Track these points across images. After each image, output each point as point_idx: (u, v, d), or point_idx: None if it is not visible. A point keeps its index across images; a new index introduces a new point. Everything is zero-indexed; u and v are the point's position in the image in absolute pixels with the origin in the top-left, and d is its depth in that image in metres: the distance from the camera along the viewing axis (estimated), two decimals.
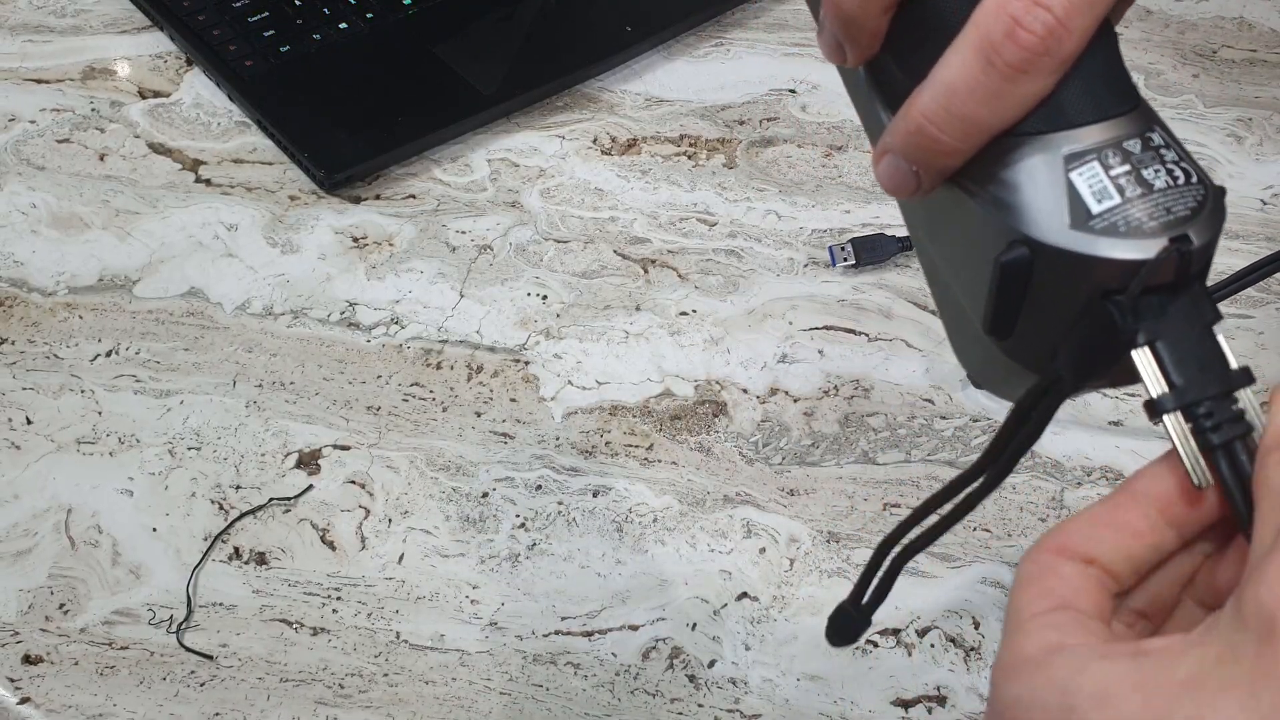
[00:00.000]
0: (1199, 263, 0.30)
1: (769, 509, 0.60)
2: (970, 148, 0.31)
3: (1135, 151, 0.30)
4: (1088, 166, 0.29)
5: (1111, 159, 0.29)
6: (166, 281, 0.67)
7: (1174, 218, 0.29)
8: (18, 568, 0.56)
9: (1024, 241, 0.30)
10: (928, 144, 0.31)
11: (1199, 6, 0.88)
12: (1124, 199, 0.29)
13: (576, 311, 0.68)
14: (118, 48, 0.79)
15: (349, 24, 0.80)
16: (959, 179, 0.32)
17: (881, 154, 0.33)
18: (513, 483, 0.60)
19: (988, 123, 0.30)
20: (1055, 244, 0.29)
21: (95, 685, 0.53)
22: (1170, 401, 0.30)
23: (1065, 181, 0.29)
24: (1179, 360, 0.30)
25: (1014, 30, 0.29)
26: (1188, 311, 0.30)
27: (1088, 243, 0.29)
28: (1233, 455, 0.30)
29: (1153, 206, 0.29)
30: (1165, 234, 0.29)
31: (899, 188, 0.33)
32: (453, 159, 0.75)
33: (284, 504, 0.59)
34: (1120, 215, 0.29)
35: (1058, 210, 0.29)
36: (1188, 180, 0.30)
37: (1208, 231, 0.29)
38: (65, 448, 0.60)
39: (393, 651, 0.55)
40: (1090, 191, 0.29)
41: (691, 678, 0.55)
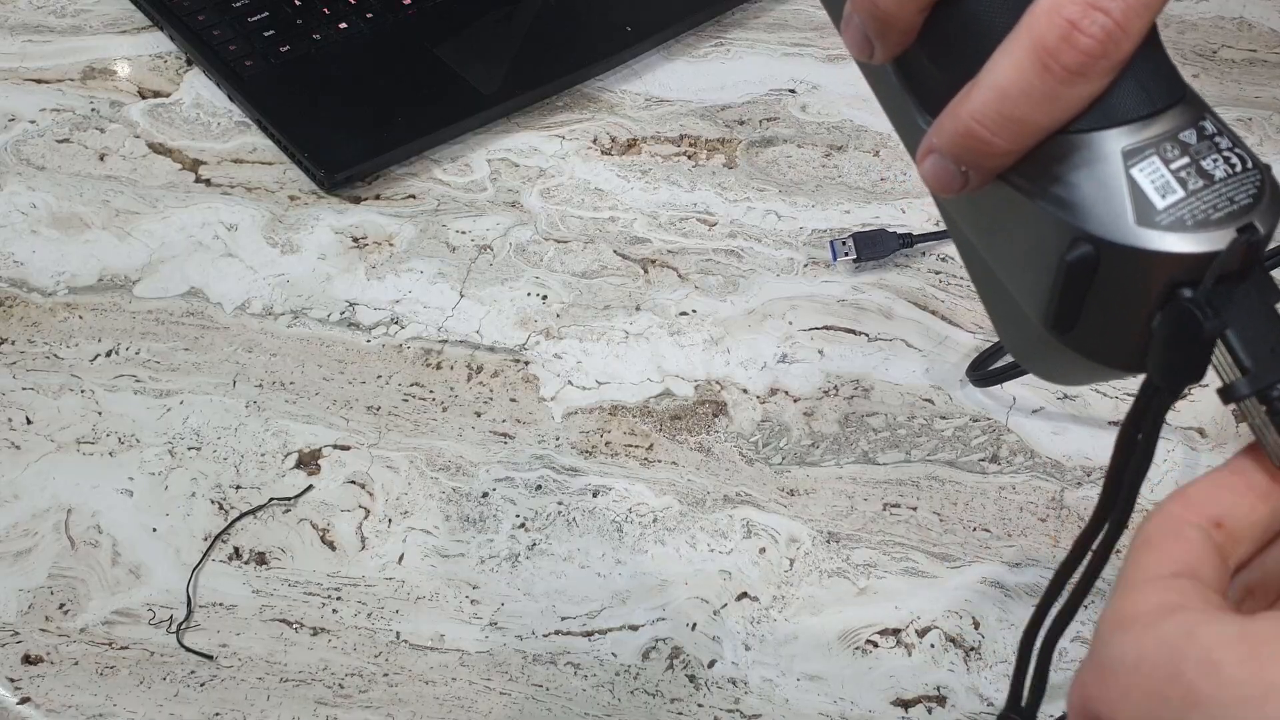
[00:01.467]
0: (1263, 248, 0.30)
1: (769, 509, 0.60)
2: (1022, 149, 0.31)
3: (1192, 143, 0.30)
4: (1148, 162, 0.29)
5: (1170, 152, 0.30)
6: (166, 281, 0.67)
7: (1238, 207, 0.29)
8: (18, 568, 0.56)
9: (1088, 239, 0.30)
10: (979, 146, 0.31)
11: (1199, 7, 0.88)
12: (1187, 192, 0.29)
13: (576, 311, 0.68)
14: (117, 48, 0.79)
15: (349, 24, 0.80)
16: (1010, 176, 0.31)
17: (926, 153, 0.33)
18: (513, 483, 0.60)
19: (1041, 125, 0.30)
20: (1123, 241, 0.29)
21: (95, 685, 0.53)
22: (1245, 386, 0.30)
23: (1126, 178, 0.29)
24: (1249, 344, 0.30)
25: (1071, 34, 0.28)
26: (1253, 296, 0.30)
27: (1157, 239, 0.29)
28: None
29: (1216, 198, 0.29)
30: (1232, 224, 0.29)
31: (945, 187, 0.33)
32: (453, 159, 0.75)
33: (284, 504, 0.59)
34: (1186, 209, 0.29)
35: (1121, 207, 0.29)
36: (1244, 167, 0.30)
37: (1272, 218, 0.30)
38: (65, 448, 0.60)
39: (393, 651, 0.55)
40: (1153, 187, 0.29)
41: (691, 678, 0.55)
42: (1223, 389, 0.31)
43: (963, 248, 0.37)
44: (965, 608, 0.57)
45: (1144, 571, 0.30)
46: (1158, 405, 0.32)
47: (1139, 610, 0.29)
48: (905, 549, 0.59)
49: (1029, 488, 0.61)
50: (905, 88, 0.34)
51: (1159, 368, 0.31)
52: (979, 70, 0.30)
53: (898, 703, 0.55)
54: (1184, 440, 0.64)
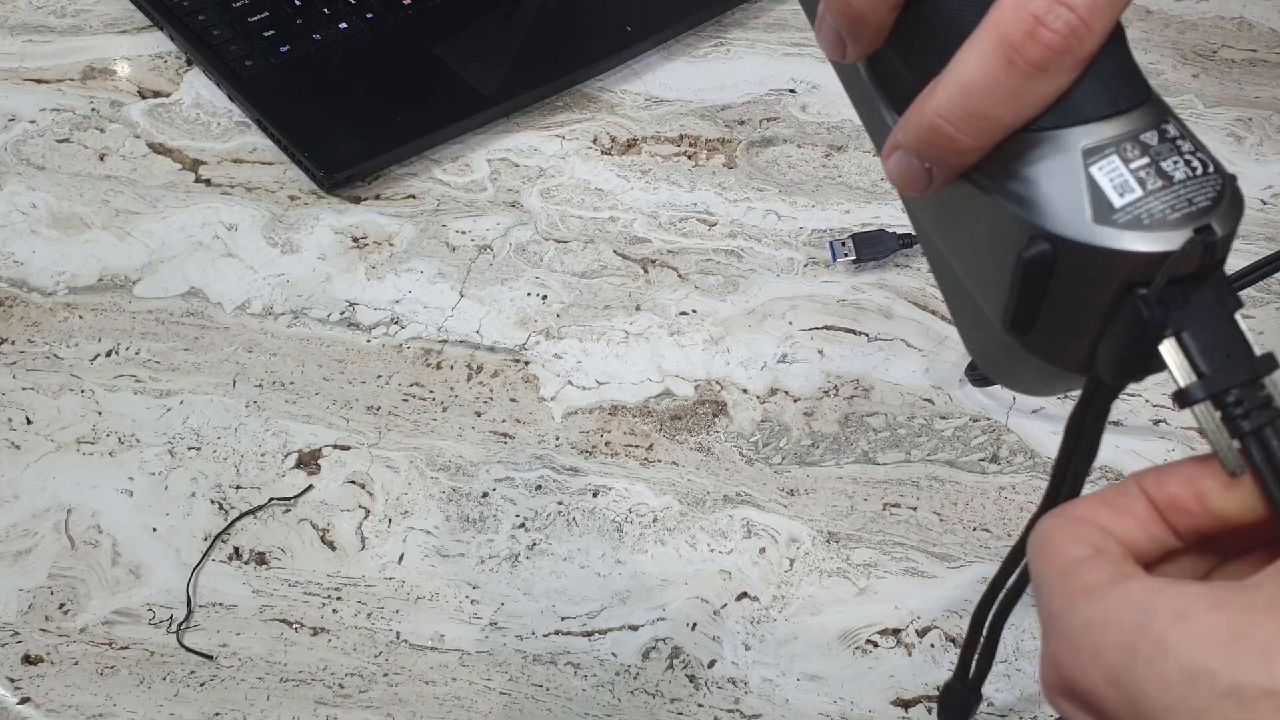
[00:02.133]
0: (1222, 252, 0.30)
1: (769, 509, 0.60)
2: (986, 145, 0.31)
3: (1153, 144, 0.30)
4: (1107, 160, 0.29)
5: (1130, 152, 0.30)
6: (166, 281, 0.67)
7: (1196, 209, 0.29)
8: (18, 568, 0.56)
9: (1045, 237, 0.30)
10: (943, 142, 0.31)
11: (1199, 6, 0.88)
12: (1145, 192, 0.29)
13: (576, 311, 0.68)
14: (117, 48, 0.79)
15: (349, 24, 0.80)
16: (972, 174, 0.32)
17: (892, 150, 0.33)
18: (513, 483, 0.60)
19: (1005, 121, 0.30)
20: (1079, 239, 0.29)
21: (95, 685, 0.53)
22: (1200, 391, 0.30)
23: (1085, 176, 0.29)
24: (1205, 349, 0.30)
25: (1035, 29, 0.28)
26: (1211, 300, 0.30)
27: (1113, 236, 0.29)
28: (1264, 441, 0.30)
29: (1174, 198, 0.29)
30: (1189, 225, 0.29)
31: (910, 184, 0.33)
32: (453, 159, 0.75)
33: (284, 504, 0.59)
34: (1143, 208, 0.29)
35: (1079, 205, 0.29)
36: (1205, 171, 0.30)
37: (1230, 221, 0.30)
38: (65, 448, 0.60)
39: (393, 651, 0.55)
40: (1111, 185, 0.29)
41: (691, 678, 0.55)
42: (1177, 393, 0.31)
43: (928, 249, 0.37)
44: (965, 608, 0.57)
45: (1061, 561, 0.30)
46: (1101, 400, 0.32)
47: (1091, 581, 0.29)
48: (905, 549, 0.59)
49: (1029, 488, 0.61)
50: (875, 86, 0.34)
51: (1105, 362, 0.31)
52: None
53: (898, 703, 0.55)
54: (1183, 440, 0.64)
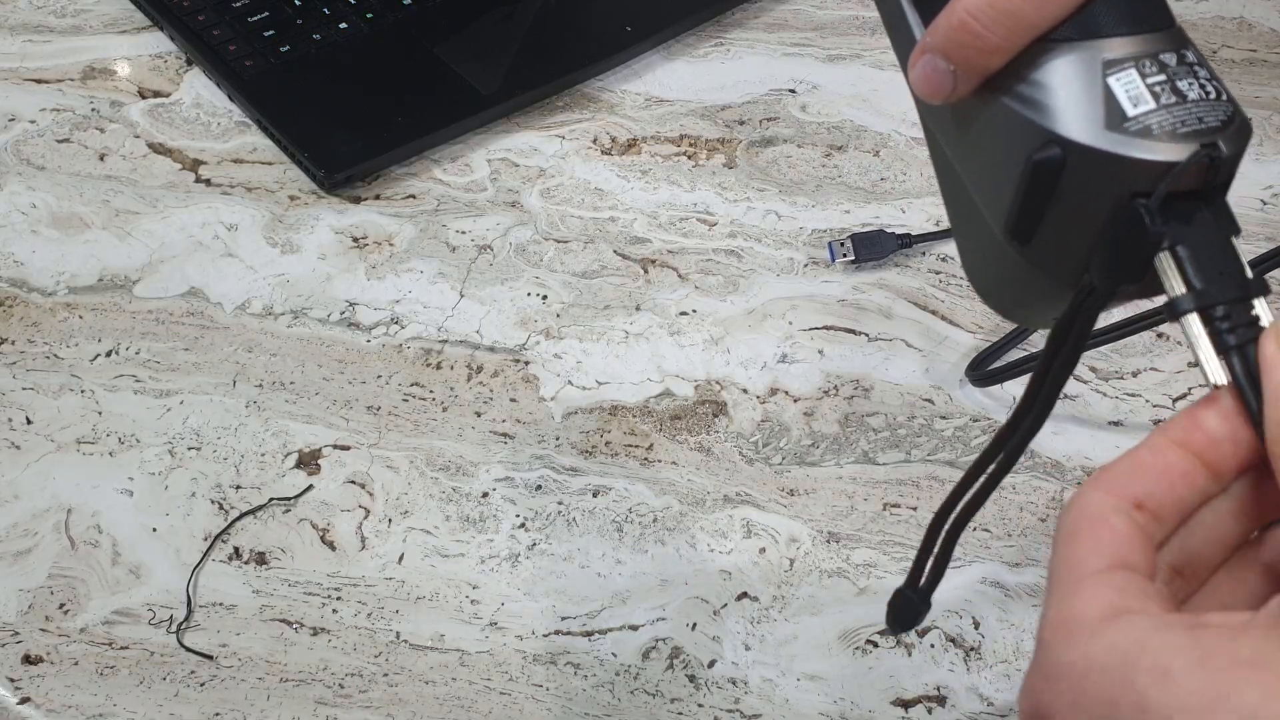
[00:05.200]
0: (1226, 173, 0.30)
1: (769, 509, 0.60)
2: (1012, 46, 0.31)
3: (1171, 64, 0.31)
4: (1125, 73, 0.30)
5: (1148, 68, 0.30)
6: (166, 281, 0.67)
7: (1205, 126, 0.30)
8: (18, 568, 0.56)
9: (1057, 141, 0.30)
10: (970, 40, 0.31)
11: (1199, 6, 0.88)
12: (1159, 105, 0.30)
13: (576, 311, 0.68)
14: (117, 48, 0.79)
15: (349, 24, 0.80)
16: (992, 81, 0.32)
17: (920, 54, 0.33)
18: (513, 483, 0.60)
19: (1032, 20, 0.30)
20: (1089, 143, 0.30)
21: (95, 685, 0.53)
22: (1189, 302, 0.30)
23: (1103, 85, 0.30)
24: (1200, 265, 0.30)
25: None
26: (1211, 221, 0.31)
27: (1122, 143, 0.30)
28: (1247, 357, 0.31)
29: (1186, 114, 0.30)
30: (1197, 140, 0.30)
31: (935, 89, 0.33)
32: (453, 159, 0.75)
33: (284, 504, 0.59)
34: (1155, 119, 0.30)
35: (1093, 112, 0.30)
36: (1219, 96, 0.31)
37: (1236, 144, 0.30)
38: (65, 448, 0.60)
39: (393, 651, 0.55)
40: (1126, 96, 0.30)
41: (691, 678, 0.55)
42: (1168, 304, 0.31)
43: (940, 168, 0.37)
44: (965, 608, 0.57)
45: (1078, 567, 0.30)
46: (1091, 305, 0.32)
47: (1083, 616, 0.29)
48: (905, 549, 0.59)
49: (1029, 488, 0.61)
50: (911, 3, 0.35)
51: (1099, 266, 0.31)
52: None
53: (898, 703, 0.55)
54: None
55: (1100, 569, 0.30)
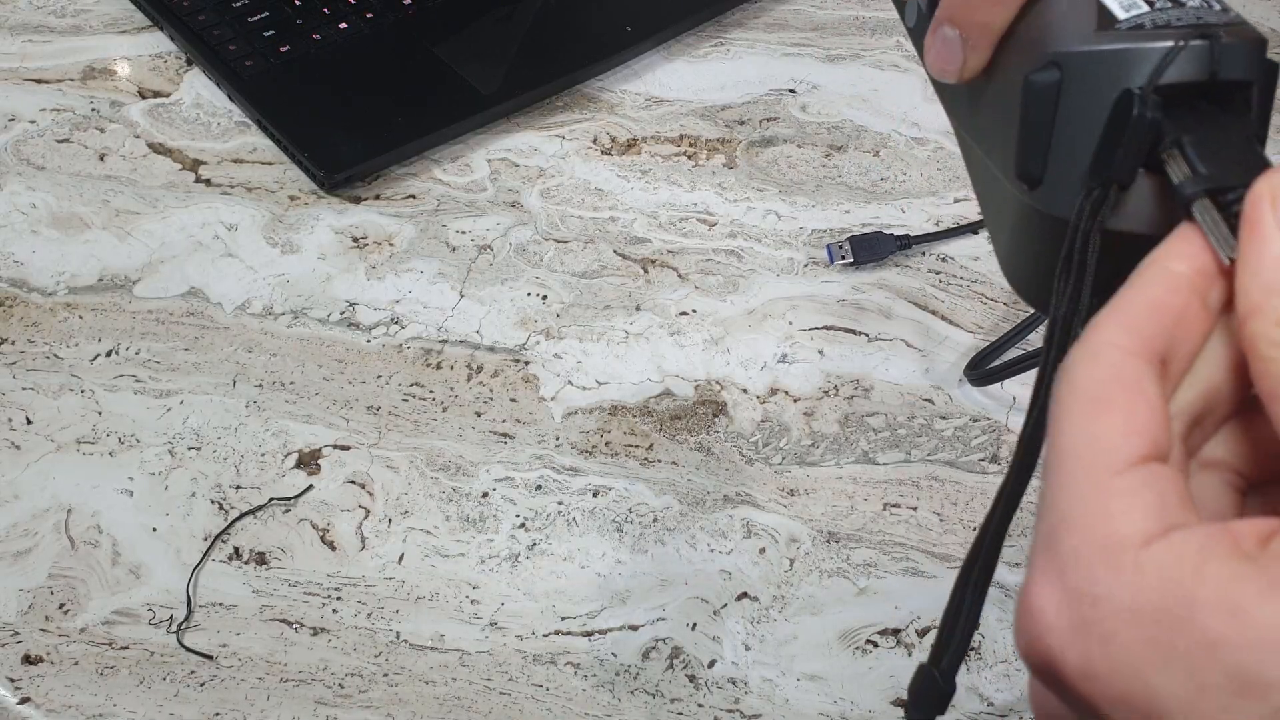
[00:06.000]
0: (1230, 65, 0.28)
1: (769, 509, 0.60)
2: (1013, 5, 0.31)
3: None
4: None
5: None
6: (166, 281, 0.67)
7: (1202, 23, 0.29)
8: (18, 568, 0.56)
9: (1054, 59, 0.30)
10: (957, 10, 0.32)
11: None
12: (1152, 7, 0.29)
13: (576, 311, 0.68)
14: (117, 48, 0.79)
15: (349, 24, 0.80)
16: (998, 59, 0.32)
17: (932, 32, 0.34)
18: (513, 483, 0.60)
19: None
20: (1079, 49, 0.29)
21: (95, 685, 0.53)
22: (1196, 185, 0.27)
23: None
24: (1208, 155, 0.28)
25: None
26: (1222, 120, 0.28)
27: (1111, 39, 0.29)
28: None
29: (1181, 13, 0.29)
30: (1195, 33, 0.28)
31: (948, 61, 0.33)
32: (453, 159, 0.75)
33: (284, 504, 0.59)
34: (1147, 18, 0.29)
35: (1087, 21, 0.29)
36: (1222, 8, 0.30)
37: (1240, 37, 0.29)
38: (65, 448, 0.60)
39: (393, 651, 0.55)
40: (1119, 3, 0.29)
41: (691, 678, 0.55)
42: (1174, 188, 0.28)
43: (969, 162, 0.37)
44: None
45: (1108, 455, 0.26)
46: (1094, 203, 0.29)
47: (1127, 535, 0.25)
48: (905, 549, 0.59)
49: (1030, 488, 0.61)
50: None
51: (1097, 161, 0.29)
52: None
53: (898, 703, 0.55)
54: None
55: (1135, 461, 0.26)
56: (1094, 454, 0.26)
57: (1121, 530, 0.25)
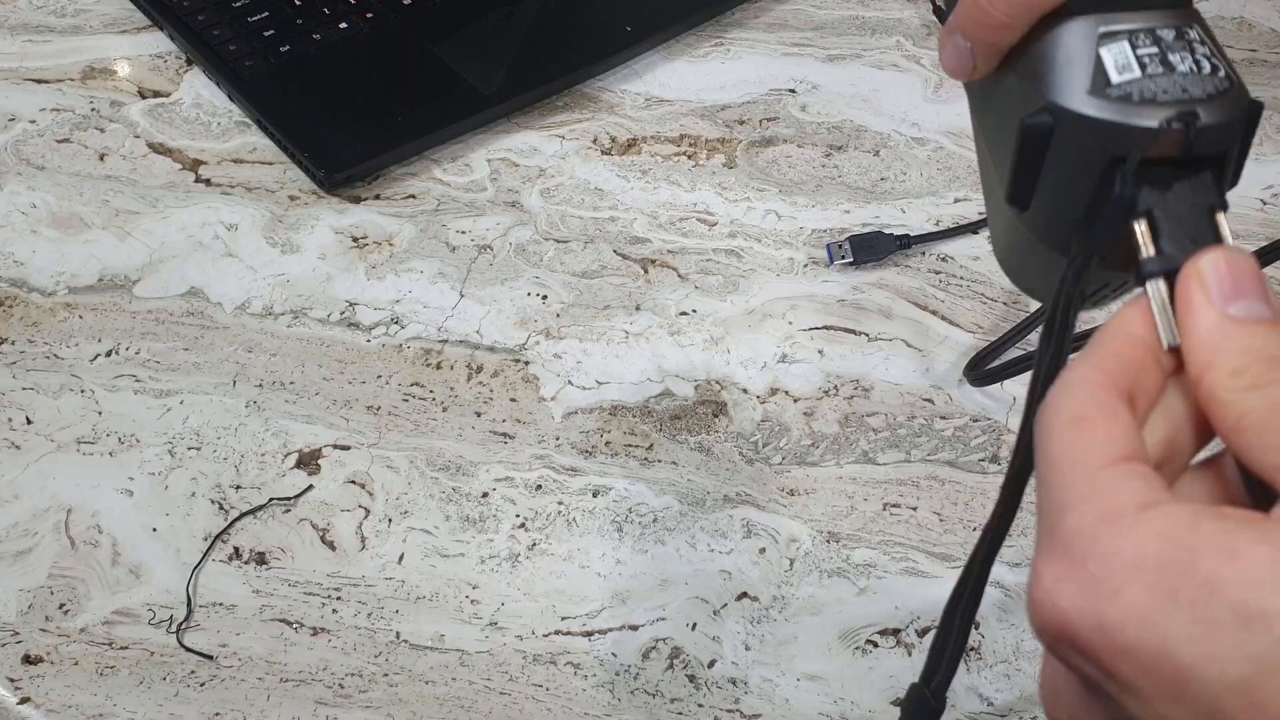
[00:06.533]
0: (1206, 143, 0.31)
1: (769, 509, 0.60)
2: (1017, 23, 0.33)
3: (1167, 39, 0.31)
4: (1118, 44, 0.31)
5: (1142, 40, 0.31)
6: (166, 281, 0.67)
7: (1188, 96, 0.30)
8: (18, 568, 0.56)
9: (1048, 107, 0.31)
10: (982, 18, 0.33)
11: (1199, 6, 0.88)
12: (1143, 74, 0.31)
13: (576, 311, 0.68)
14: (117, 47, 0.79)
15: (349, 24, 0.80)
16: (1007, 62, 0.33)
17: (947, 35, 0.35)
18: (513, 483, 0.60)
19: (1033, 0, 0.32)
20: (1070, 107, 0.31)
21: (95, 685, 0.53)
22: (1154, 265, 0.30)
23: (1094, 55, 0.31)
24: (1172, 232, 0.30)
25: None
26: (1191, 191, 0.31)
27: (1100, 107, 0.31)
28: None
29: (1169, 84, 0.30)
30: (1175, 108, 0.30)
31: (959, 67, 0.35)
32: (453, 159, 0.75)
33: (284, 504, 0.59)
34: (1136, 86, 0.31)
35: (1081, 78, 0.31)
36: (1214, 72, 0.31)
37: (1219, 114, 0.31)
38: (65, 447, 0.60)
39: (393, 651, 0.55)
40: (1114, 64, 0.31)
41: (691, 678, 0.55)
42: (1135, 267, 0.31)
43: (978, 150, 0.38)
44: None
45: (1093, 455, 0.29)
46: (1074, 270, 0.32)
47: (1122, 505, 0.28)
48: (905, 549, 0.59)
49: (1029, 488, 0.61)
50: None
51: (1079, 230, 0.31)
52: None
53: (898, 703, 0.55)
54: None
55: (1118, 458, 0.28)
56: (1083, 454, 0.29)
57: (1119, 500, 0.28)
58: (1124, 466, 0.28)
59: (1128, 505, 0.28)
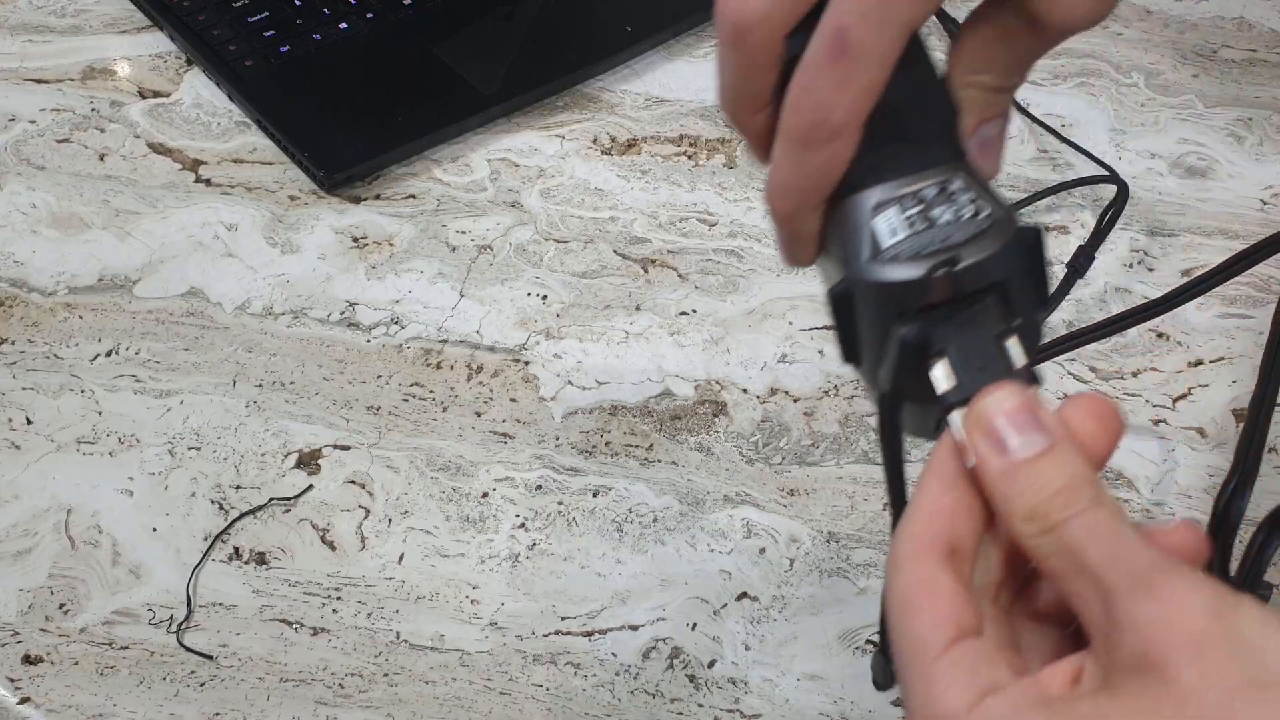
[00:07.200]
0: (975, 279, 0.34)
1: (769, 509, 0.60)
2: (802, 211, 0.35)
3: (930, 196, 0.34)
4: (889, 211, 0.34)
5: (908, 204, 0.34)
6: (166, 281, 0.67)
7: (949, 244, 0.34)
8: (18, 568, 0.56)
9: (845, 278, 0.35)
10: (774, 213, 0.36)
11: (1199, 6, 0.88)
12: (909, 233, 0.34)
13: (576, 311, 0.68)
14: (117, 48, 0.79)
15: (349, 24, 0.80)
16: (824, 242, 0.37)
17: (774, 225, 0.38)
18: (513, 483, 0.60)
19: (803, 187, 0.34)
20: (857, 276, 0.35)
21: (95, 685, 0.53)
22: (952, 397, 0.33)
23: (869, 226, 0.34)
24: (965, 364, 0.33)
25: (796, 109, 0.33)
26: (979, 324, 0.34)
27: (876, 271, 0.34)
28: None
29: (931, 238, 0.34)
30: (936, 258, 0.33)
31: (789, 257, 0.38)
32: (453, 159, 0.75)
33: (284, 504, 0.59)
34: (903, 246, 0.34)
35: (864, 249, 0.35)
36: (975, 215, 0.34)
37: (981, 251, 0.34)
38: (65, 448, 0.60)
39: (393, 652, 0.55)
40: (886, 230, 0.34)
41: (691, 678, 0.55)
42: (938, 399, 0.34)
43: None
44: None
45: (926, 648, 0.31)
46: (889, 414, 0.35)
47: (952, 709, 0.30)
48: None
49: None
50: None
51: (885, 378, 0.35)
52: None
53: (898, 703, 0.55)
54: (1185, 440, 0.64)
55: (946, 644, 0.31)
56: (916, 648, 0.31)
57: (947, 707, 0.30)
58: (950, 657, 0.30)
59: (957, 708, 0.30)
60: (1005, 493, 0.31)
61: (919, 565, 0.32)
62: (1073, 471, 0.30)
